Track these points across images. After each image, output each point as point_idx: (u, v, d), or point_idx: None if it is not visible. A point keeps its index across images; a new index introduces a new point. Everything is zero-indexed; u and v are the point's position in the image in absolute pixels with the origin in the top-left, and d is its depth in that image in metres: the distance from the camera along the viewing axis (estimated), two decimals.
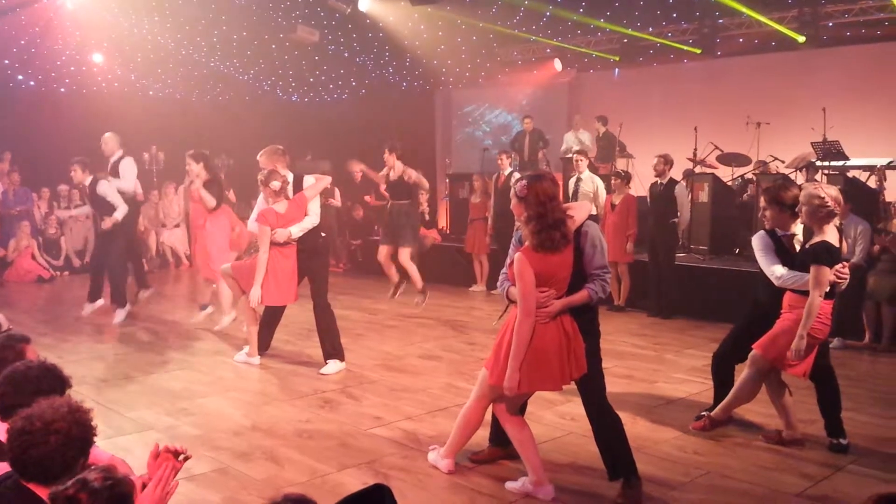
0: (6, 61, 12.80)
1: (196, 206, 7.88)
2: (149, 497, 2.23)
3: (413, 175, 8.36)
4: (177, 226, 13.16)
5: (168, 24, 11.94)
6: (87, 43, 12.48)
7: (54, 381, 2.73)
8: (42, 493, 2.20)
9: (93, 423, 2.35)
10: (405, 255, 8.36)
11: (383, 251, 8.50)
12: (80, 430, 2.28)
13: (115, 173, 8.42)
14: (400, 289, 8.64)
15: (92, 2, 10.88)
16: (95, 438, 2.38)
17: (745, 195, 10.27)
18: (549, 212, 3.63)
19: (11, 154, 12.65)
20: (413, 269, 8.41)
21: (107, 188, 8.08)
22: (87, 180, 8.15)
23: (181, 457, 2.48)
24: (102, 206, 8.12)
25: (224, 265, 6.99)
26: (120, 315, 8.04)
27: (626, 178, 9.24)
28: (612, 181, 9.39)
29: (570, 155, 11.94)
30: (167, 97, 15.13)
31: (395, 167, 8.38)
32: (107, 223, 8.01)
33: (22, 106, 13.05)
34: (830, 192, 4.28)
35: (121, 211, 8.04)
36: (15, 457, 2.23)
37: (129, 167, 8.54)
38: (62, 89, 14.10)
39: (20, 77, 13.56)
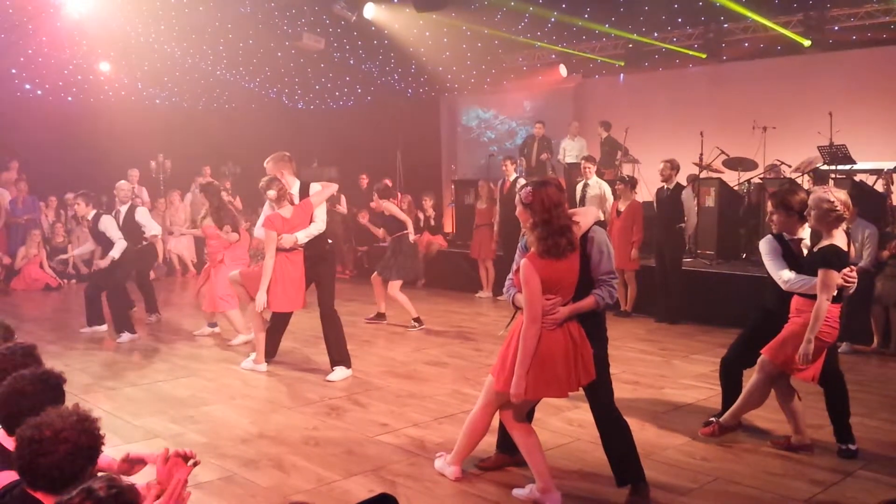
0: (14, 70, 12.90)
1: (212, 241, 7.79)
2: None
3: (391, 209, 8.51)
4: (183, 234, 13.17)
5: (174, 33, 12.03)
6: (94, 52, 12.58)
7: (51, 390, 2.70)
8: (49, 501, 2.20)
9: (101, 432, 2.35)
10: (394, 287, 8.40)
11: (377, 279, 8.64)
12: (88, 439, 2.28)
13: (131, 223, 8.41)
14: (380, 320, 8.72)
15: (99, 11, 10.95)
16: (103, 447, 2.39)
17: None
18: (555, 218, 3.62)
19: (19, 163, 12.71)
20: (404, 300, 8.41)
21: (107, 224, 8.02)
22: (90, 214, 8.09)
23: (191, 461, 2.48)
24: (103, 241, 8.10)
25: (232, 273, 7.01)
26: (125, 337, 7.87)
27: (632, 183, 9.20)
28: (617, 187, 9.37)
29: (574, 161, 11.96)
30: (174, 105, 15.21)
31: (381, 207, 8.59)
32: (104, 262, 8.00)
33: (29, 115, 13.14)
34: (840, 196, 4.26)
35: (118, 248, 7.95)
36: (23, 465, 2.23)
37: (144, 216, 8.65)
38: (69, 98, 14.19)
39: (28, 86, 13.65)
